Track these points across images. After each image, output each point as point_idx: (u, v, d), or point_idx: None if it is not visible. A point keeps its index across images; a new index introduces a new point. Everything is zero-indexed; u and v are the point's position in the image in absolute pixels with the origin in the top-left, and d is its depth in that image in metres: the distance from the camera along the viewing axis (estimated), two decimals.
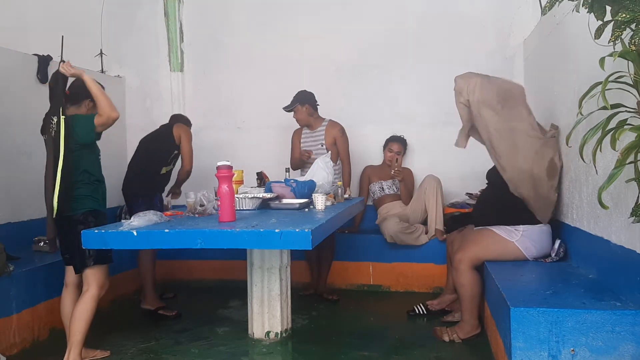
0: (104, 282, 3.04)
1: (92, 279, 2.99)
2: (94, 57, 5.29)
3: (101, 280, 3.02)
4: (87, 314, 2.97)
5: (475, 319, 3.35)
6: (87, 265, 2.98)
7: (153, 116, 5.48)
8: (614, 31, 1.76)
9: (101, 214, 3.09)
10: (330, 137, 4.40)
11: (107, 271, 3.08)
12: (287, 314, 3.54)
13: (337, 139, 4.39)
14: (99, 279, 3.01)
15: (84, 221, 2.96)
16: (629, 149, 1.77)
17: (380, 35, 5.02)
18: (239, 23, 5.35)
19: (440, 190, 4.43)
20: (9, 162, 3.96)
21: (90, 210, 3.03)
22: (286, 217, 2.96)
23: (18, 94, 4.09)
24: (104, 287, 3.05)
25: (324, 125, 4.45)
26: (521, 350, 2.32)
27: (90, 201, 3.04)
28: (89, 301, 2.98)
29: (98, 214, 3.07)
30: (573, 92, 2.98)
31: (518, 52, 4.80)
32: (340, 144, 4.41)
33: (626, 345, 2.22)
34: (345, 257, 4.73)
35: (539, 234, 3.29)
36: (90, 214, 3.02)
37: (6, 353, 3.23)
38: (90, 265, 2.98)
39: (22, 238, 3.92)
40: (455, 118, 4.97)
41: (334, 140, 4.39)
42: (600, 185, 1.85)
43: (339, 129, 4.41)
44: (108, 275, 3.08)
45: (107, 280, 3.08)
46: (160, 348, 3.44)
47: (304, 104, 4.35)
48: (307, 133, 4.52)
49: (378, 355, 3.26)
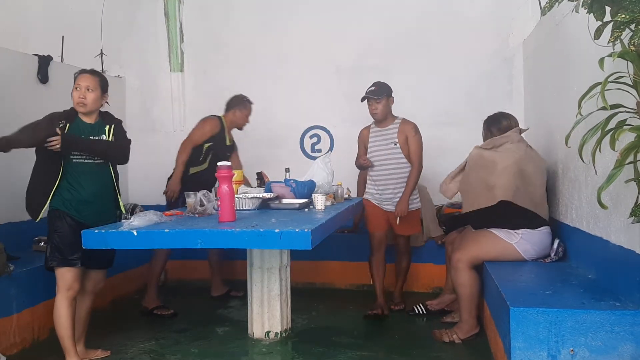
0: (70, 284, 2.94)
1: (58, 281, 2.96)
2: (94, 57, 5.28)
3: (66, 282, 2.94)
4: (61, 318, 2.94)
5: (474, 318, 3.35)
6: (46, 266, 2.96)
7: (153, 116, 5.49)
8: (613, 32, 1.76)
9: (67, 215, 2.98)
10: (403, 135, 3.92)
11: (75, 274, 2.95)
12: (287, 314, 3.55)
13: (409, 138, 3.90)
14: (64, 281, 2.94)
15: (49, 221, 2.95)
16: (628, 149, 1.77)
17: (380, 36, 5.02)
18: (239, 23, 5.35)
19: (428, 197, 4.47)
20: (9, 162, 3.95)
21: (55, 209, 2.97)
22: (286, 217, 2.97)
23: (18, 94, 4.09)
24: (71, 288, 2.95)
25: (397, 122, 3.96)
26: (520, 350, 2.32)
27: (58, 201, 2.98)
28: (58, 304, 2.94)
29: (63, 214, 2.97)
30: (572, 92, 2.99)
31: (518, 52, 4.80)
32: (413, 144, 3.89)
33: (625, 345, 2.22)
34: (345, 257, 4.73)
35: (539, 237, 3.29)
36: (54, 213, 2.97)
37: (6, 353, 3.23)
38: (54, 267, 2.94)
39: (22, 238, 3.92)
40: (454, 118, 5.00)
41: (406, 139, 3.91)
42: (599, 185, 1.85)
43: (412, 126, 3.92)
44: (78, 277, 2.97)
45: (76, 283, 2.97)
46: (160, 348, 3.44)
47: (390, 96, 3.93)
48: (377, 131, 4.02)
49: (378, 355, 3.27)
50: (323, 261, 4.74)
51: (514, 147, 3.34)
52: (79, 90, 2.99)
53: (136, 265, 4.81)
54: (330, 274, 4.85)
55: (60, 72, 4.32)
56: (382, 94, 3.86)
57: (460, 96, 4.88)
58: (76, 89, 3.01)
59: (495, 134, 3.49)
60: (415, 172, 3.89)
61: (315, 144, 5.25)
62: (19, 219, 3.98)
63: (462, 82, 4.89)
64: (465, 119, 4.77)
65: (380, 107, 3.88)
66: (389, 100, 3.92)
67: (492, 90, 4.84)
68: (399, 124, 3.94)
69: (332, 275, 4.84)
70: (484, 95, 4.83)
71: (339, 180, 4.13)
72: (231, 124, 4.38)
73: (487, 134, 3.56)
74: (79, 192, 2.98)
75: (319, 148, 5.23)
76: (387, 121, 3.96)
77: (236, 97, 4.38)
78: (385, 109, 3.90)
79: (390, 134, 3.94)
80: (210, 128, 4.23)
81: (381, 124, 3.98)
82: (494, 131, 3.50)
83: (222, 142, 4.32)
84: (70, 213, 2.96)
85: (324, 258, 4.64)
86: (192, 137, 4.22)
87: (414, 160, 3.89)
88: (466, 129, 4.62)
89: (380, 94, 3.85)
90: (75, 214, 2.97)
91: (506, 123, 3.51)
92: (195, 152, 4.20)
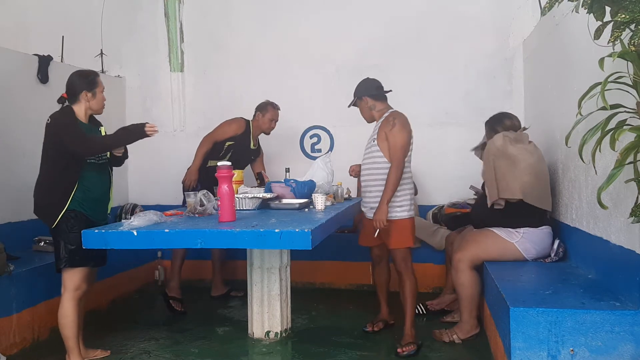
0: (79, 284, 2.97)
1: (66, 281, 2.97)
2: (95, 58, 5.29)
3: (75, 283, 2.96)
4: (68, 318, 2.95)
5: (474, 318, 3.35)
6: (59, 267, 2.96)
7: (153, 116, 5.48)
8: (613, 32, 1.76)
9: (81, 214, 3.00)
10: (382, 130, 3.34)
11: (84, 273, 2.99)
12: (287, 314, 3.55)
13: (387, 133, 3.30)
14: (73, 281, 2.96)
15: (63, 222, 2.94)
16: (628, 150, 1.77)
17: (380, 35, 5.02)
18: (239, 23, 5.35)
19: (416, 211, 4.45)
20: (9, 162, 3.96)
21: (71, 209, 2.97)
22: (286, 217, 2.97)
23: (18, 94, 4.09)
24: (79, 289, 2.98)
25: (383, 118, 3.41)
26: (520, 350, 2.32)
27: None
28: (65, 304, 2.96)
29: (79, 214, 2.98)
30: (572, 92, 2.99)
31: (517, 52, 4.80)
32: (390, 137, 3.28)
33: (625, 345, 2.22)
34: (345, 257, 4.73)
35: (540, 236, 3.29)
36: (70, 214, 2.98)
37: (6, 353, 3.23)
38: (64, 267, 2.95)
39: (22, 238, 3.92)
40: (454, 118, 5.00)
41: (385, 135, 3.33)
42: (599, 185, 1.85)
43: (390, 118, 3.32)
44: (85, 277, 3.00)
45: (84, 283, 3.00)
46: (160, 348, 3.44)
47: (361, 97, 3.48)
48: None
49: (378, 355, 3.27)
50: (323, 261, 4.74)
51: (531, 147, 3.35)
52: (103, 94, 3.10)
53: (136, 265, 4.82)
54: (330, 274, 4.85)
55: (60, 72, 4.31)
56: (354, 99, 3.51)
57: (460, 96, 4.88)
58: (102, 92, 3.08)
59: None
60: (393, 172, 3.19)
61: (315, 144, 5.25)
62: (19, 219, 3.99)
63: (462, 82, 4.89)
64: (465, 119, 4.77)
65: (360, 111, 3.53)
66: (364, 101, 3.45)
67: (492, 90, 4.84)
68: (384, 118, 3.40)
69: (332, 275, 4.84)
70: (484, 95, 4.83)
71: (339, 180, 4.12)
72: (257, 129, 4.47)
73: (492, 134, 3.53)
74: (92, 192, 3.02)
75: (319, 148, 5.23)
76: (377, 118, 3.48)
77: (263, 101, 4.48)
78: (364, 111, 3.49)
79: (374, 131, 3.45)
80: (233, 128, 4.36)
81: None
82: (499, 131, 3.49)
83: (245, 144, 4.41)
84: (86, 213, 2.99)
85: (324, 258, 4.64)
86: (213, 134, 4.35)
87: (392, 157, 3.24)
88: (466, 129, 4.63)
89: (352, 101, 3.53)
90: (90, 212, 3.01)
91: (509, 122, 3.51)
92: (217, 147, 4.32)
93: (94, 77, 3.07)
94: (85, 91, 3.01)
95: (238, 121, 4.40)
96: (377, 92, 3.47)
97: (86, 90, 3.01)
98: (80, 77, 3.04)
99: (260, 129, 4.46)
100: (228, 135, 4.33)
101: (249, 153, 4.48)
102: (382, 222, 3.17)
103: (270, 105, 4.44)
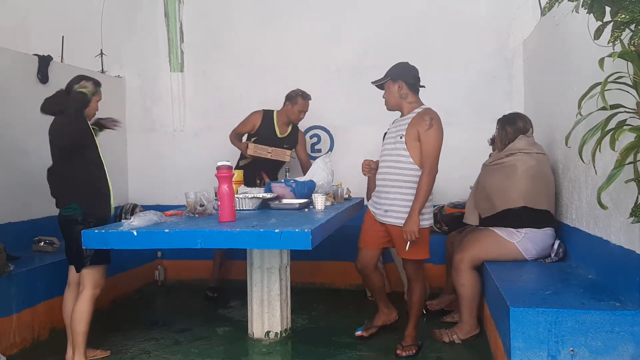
0: (100, 282, 3.05)
1: (88, 279, 3.00)
2: (94, 58, 5.29)
3: (96, 280, 3.02)
4: (85, 315, 2.98)
5: (474, 319, 3.35)
6: (84, 264, 2.99)
7: (153, 116, 5.49)
8: (613, 32, 1.76)
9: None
10: (414, 128, 3.06)
11: (104, 271, 3.08)
12: (287, 314, 3.55)
13: (420, 134, 3.04)
14: (95, 279, 3.02)
15: (83, 221, 2.96)
16: (628, 150, 1.77)
17: (380, 35, 5.02)
18: (239, 23, 5.35)
19: None
20: (9, 162, 3.96)
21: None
22: (286, 217, 2.97)
23: (18, 94, 4.09)
24: (99, 287, 3.05)
25: (415, 112, 3.13)
26: (520, 351, 2.32)
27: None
28: (85, 302, 2.99)
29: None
30: (572, 92, 2.99)
31: (517, 52, 4.80)
32: (424, 140, 3.03)
33: (625, 346, 2.22)
34: (345, 257, 4.72)
35: (542, 237, 3.29)
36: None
37: (6, 353, 3.23)
38: (87, 265, 2.99)
39: (22, 238, 3.92)
40: (454, 118, 4.99)
41: (417, 134, 3.05)
42: (599, 185, 1.85)
43: (427, 117, 3.05)
44: (105, 275, 3.09)
45: (103, 281, 3.08)
46: (160, 348, 3.44)
47: (396, 80, 3.16)
48: (394, 122, 3.31)
49: (378, 355, 3.27)
50: (323, 261, 4.74)
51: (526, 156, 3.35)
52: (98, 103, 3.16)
53: (136, 265, 4.82)
54: (330, 274, 4.85)
55: (60, 72, 4.32)
56: (386, 78, 3.18)
57: (460, 96, 4.88)
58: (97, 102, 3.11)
59: (509, 134, 3.48)
60: (425, 179, 2.99)
61: (315, 144, 5.25)
62: (19, 219, 3.99)
63: (462, 82, 4.89)
64: (465, 119, 4.77)
65: (386, 94, 3.22)
66: (396, 85, 3.15)
67: (492, 90, 4.84)
68: (416, 114, 3.12)
69: (332, 275, 4.84)
70: (484, 95, 4.83)
71: (339, 180, 4.13)
72: (284, 117, 4.44)
73: (502, 133, 3.53)
74: (108, 187, 3.13)
75: (319, 148, 5.23)
76: (405, 111, 3.19)
77: (293, 90, 4.44)
78: (391, 95, 3.18)
79: (401, 125, 3.16)
80: (249, 121, 4.42)
81: (401, 114, 3.25)
82: (509, 130, 3.49)
83: (269, 135, 4.40)
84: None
85: (324, 258, 4.63)
86: (235, 128, 4.47)
87: (424, 162, 3.02)
88: (466, 129, 4.63)
89: (382, 79, 3.19)
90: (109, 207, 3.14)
91: (522, 124, 3.50)
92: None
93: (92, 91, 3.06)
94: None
95: (253, 114, 4.43)
96: (415, 81, 3.20)
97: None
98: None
99: (288, 118, 4.42)
100: (247, 129, 4.42)
101: (277, 142, 4.39)
102: (415, 234, 2.96)
103: (300, 97, 4.37)
